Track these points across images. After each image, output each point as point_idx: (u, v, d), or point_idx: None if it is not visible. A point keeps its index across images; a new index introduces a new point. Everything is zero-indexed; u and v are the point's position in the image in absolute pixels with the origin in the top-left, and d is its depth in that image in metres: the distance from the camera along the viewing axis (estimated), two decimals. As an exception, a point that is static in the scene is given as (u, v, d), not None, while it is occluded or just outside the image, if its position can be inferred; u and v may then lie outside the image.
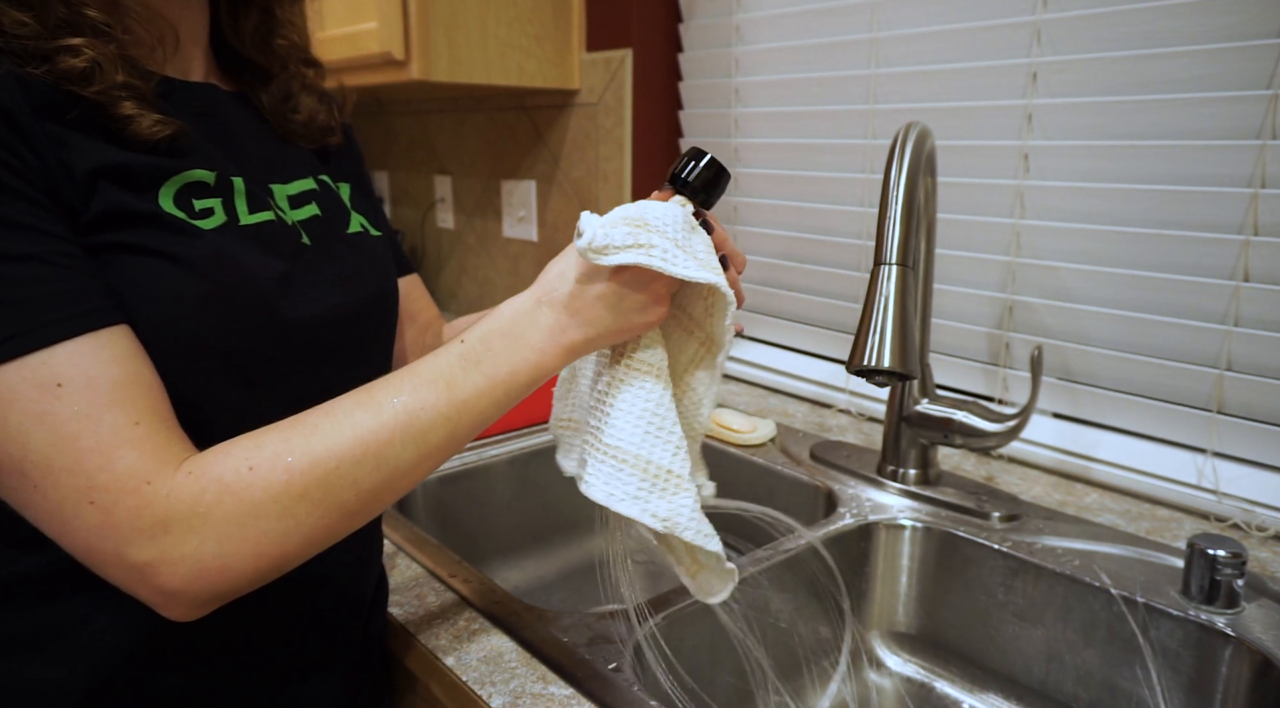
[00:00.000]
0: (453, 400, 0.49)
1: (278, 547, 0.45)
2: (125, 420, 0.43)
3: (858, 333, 0.68)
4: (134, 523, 0.42)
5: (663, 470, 0.51)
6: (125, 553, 0.42)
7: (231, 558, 0.44)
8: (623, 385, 0.52)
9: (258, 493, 0.44)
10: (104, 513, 0.42)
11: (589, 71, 1.32)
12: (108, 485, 0.42)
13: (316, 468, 0.45)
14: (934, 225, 0.83)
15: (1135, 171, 0.85)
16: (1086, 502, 0.85)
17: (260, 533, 0.44)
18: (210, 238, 0.49)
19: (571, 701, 0.55)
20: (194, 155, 0.51)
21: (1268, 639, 0.62)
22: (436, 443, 0.49)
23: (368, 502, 0.47)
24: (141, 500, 0.42)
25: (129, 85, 0.48)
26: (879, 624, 0.84)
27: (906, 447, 0.86)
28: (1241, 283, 0.79)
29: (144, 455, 0.43)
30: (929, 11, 0.99)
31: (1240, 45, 0.77)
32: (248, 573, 0.45)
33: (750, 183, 1.23)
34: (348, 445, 0.46)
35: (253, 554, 0.44)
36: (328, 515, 0.46)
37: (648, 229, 0.49)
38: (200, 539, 0.43)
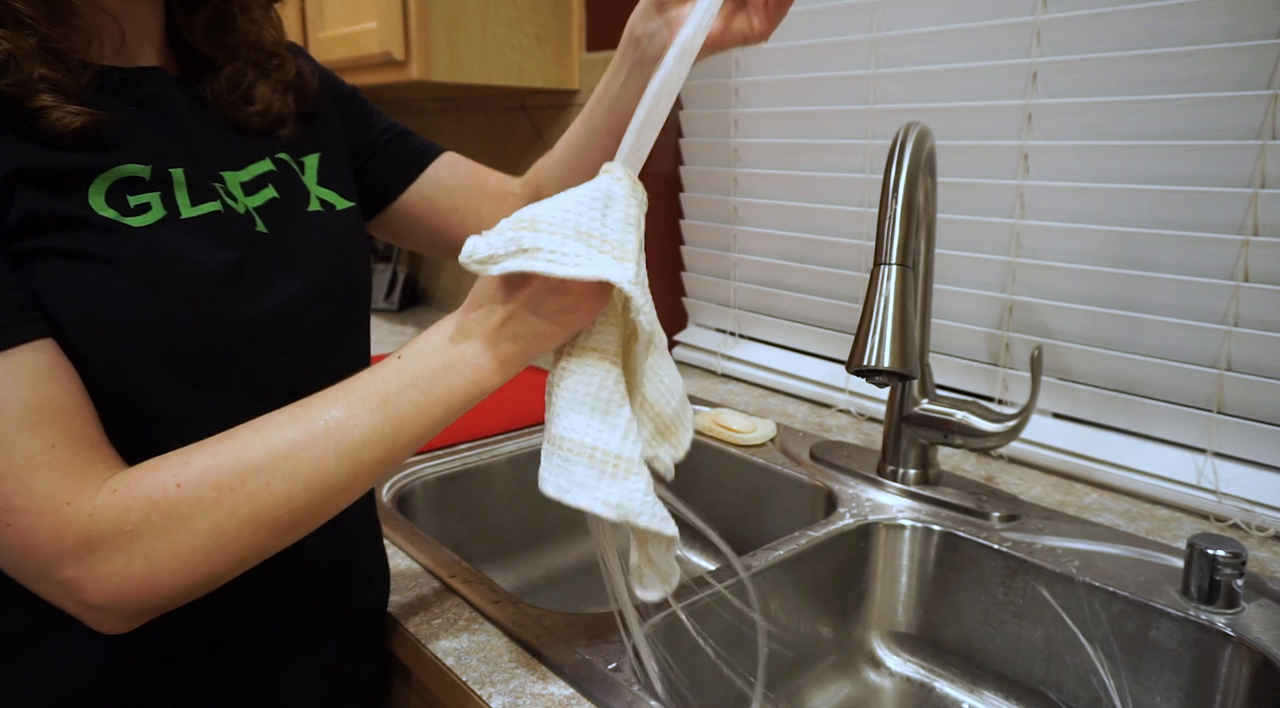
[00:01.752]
0: (388, 418, 0.48)
1: (207, 564, 0.45)
2: (40, 444, 0.42)
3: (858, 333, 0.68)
4: (56, 544, 0.42)
5: (610, 456, 0.49)
6: (49, 571, 0.42)
7: (160, 574, 0.44)
8: (566, 374, 0.50)
9: (185, 510, 0.44)
10: (22, 535, 0.42)
11: (589, 71, 1.31)
12: (24, 508, 0.42)
13: (246, 484, 0.45)
14: (934, 225, 0.83)
15: (1135, 172, 0.85)
16: (1086, 502, 0.85)
17: (189, 550, 0.44)
18: (143, 235, 0.48)
19: (571, 701, 0.55)
20: (125, 147, 0.49)
21: (1268, 639, 0.62)
22: (371, 461, 0.48)
23: (300, 518, 0.47)
24: (62, 521, 0.42)
25: (47, 78, 0.46)
26: (879, 624, 0.84)
27: (906, 447, 0.86)
28: (1241, 283, 0.79)
29: (63, 477, 0.43)
30: (929, 11, 0.99)
31: (1240, 45, 0.77)
32: (178, 588, 0.45)
33: (750, 183, 1.23)
34: (278, 462, 0.45)
35: (182, 570, 0.44)
36: (259, 532, 0.46)
37: (534, 229, 0.47)
38: (127, 556, 0.43)
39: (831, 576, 0.80)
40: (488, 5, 1.21)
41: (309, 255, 0.57)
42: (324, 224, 0.60)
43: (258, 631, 0.56)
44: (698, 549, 1.04)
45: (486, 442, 1.01)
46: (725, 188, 1.27)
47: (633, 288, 0.47)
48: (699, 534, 1.06)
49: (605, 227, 0.48)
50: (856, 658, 0.83)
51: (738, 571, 0.69)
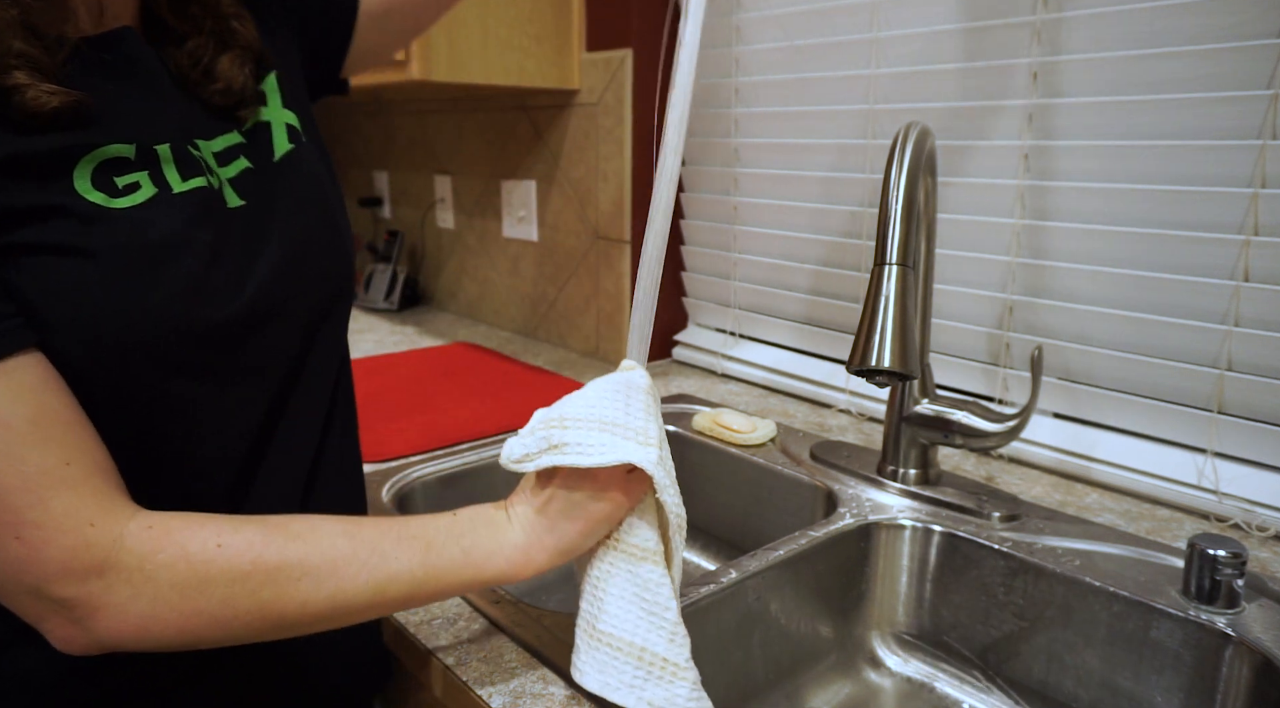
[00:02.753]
0: (425, 563, 0.49)
1: (202, 629, 0.44)
2: (55, 461, 0.41)
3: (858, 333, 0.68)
4: (67, 562, 0.41)
5: (659, 658, 0.51)
6: (45, 588, 0.41)
7: (154, 622, 0.43)
8: (614, 571, 0.52)
9: (215, 573, 0.43)
10: (31, 549, 0.41)
11: (589, 71, 1.32)
12: (39, 523, 0.41)
13: (279, 573, 0.45)
14: (934, 225, 0.83)
15: (1135, 171, 0.85)
16: (1086, 502, 0.85)
17: (195, 611, 0.43)
18: (132, 217, 0.46)
19: (571, 701, 0.55)
20: (107, 125, 0.47)
21: (1268, 639, 0.62)
22: (392, 596, 0.49)
23: (304, 622, 0.47)
24: (82, 541, 0.41)
25: (24, 54, 0.44)
26: (879, 624, 0.84)
27: (906, 447, 0.86)
28: (1241, 283, 0.79)
29: (84, 498, 0.42)
30: (929, 11, 0.99)
31: (1240, 45, 0.77)
32: (160, 641, 0.44)
33: (750, 183, 1.23)
34: (317, 566, 0.46)
35: (176, 628, 0.43)
36: (264, 620, 0.45)
37: (562, 426, 0.51)
38: (133, 593, 0.42)
39: (831, 576, 0.80)
40: (488, 5, 1.21)
41: (288, 223, 0.56)
42: (296, 171, 0.58)
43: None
44: (698, 550, 1.04)
45: (486, 442, 1.01)
46: (725, 188, 1.27)
47: (655, 469, 0.50)
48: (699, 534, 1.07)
49: (628, 415, 0.51)
50: (857, 658, 0.83)
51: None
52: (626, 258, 1.31)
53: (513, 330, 1.61)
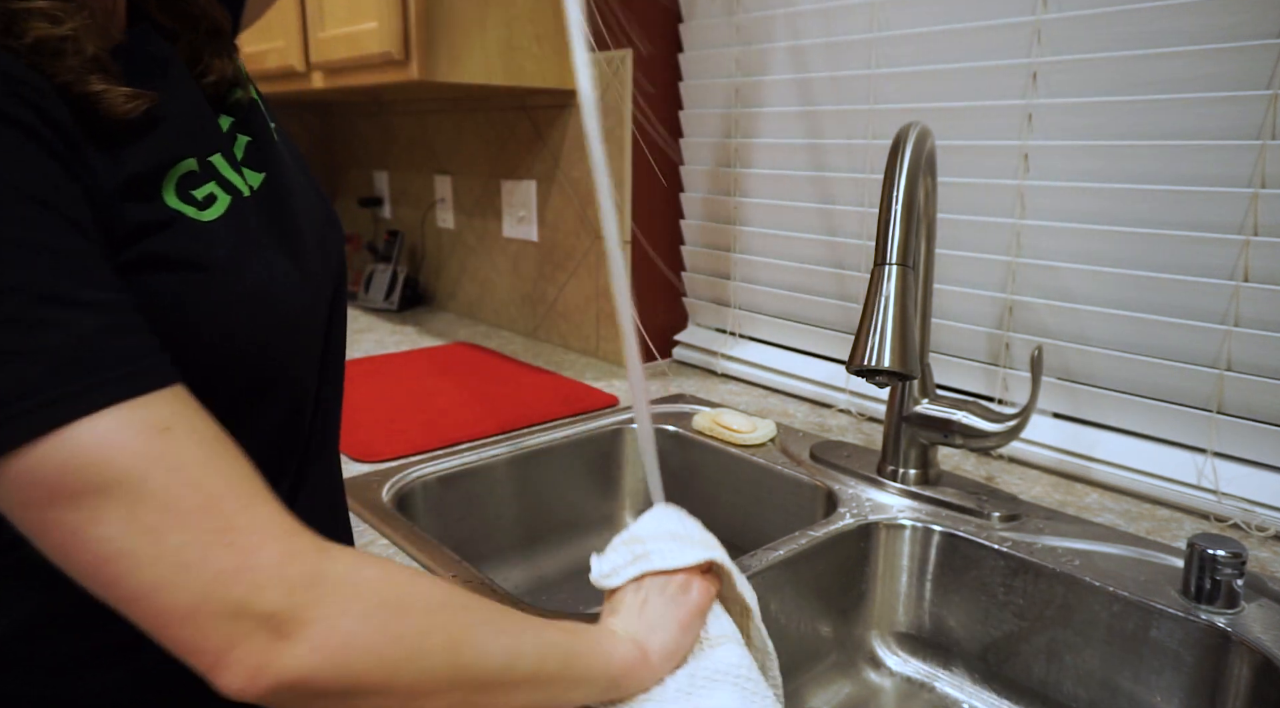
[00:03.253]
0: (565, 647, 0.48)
1: (398, 662, 0.40)
2: (246, 473, 0.39)
3: (858, 333, 0.68)
4: (280, 567, 0.38)
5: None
6: (253, 600, 0.37)
7: (357, 643, 0.39)
8: (712, 658, 0.55)
9: (416, 595, 0.42)
10: (243, 555, 0.37)
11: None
12: (250, 527, 0.38)
13: (468, 610, 0.45)
14: (934, 225, 0.83)
15: (1135, 172, 0.85)
16: (1086, 502, 0.85)
17: (396, 636, 0.40)
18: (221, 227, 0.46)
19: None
20: (170, 135, 0.46)
21: (1268, 639, 0.62)
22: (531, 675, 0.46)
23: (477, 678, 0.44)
24: (293, 547, 0.39)
25: (97, 58, 0.42)
26: (879, 624, 0.84)
27: (906, 447, 0.86)
28: (1241, 283, 0.79)
29: (282, 511, 0.39)
30: (929, 11, 0.99)
31: (1240, 45, 0.77)
32: (355, 672, 0.39)
33: (750, 183, 1.23)
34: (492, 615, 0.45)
35: (376, 655, 0.39)
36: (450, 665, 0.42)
37: (640, 541, 0.57)
38: (342, 608, 0.39)
39: (831, 576, 0.80)
40: (488, 5, 1.21)
41: (302, 198, 0.56)
42: (288, 148, 0.59)
43: None
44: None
45: (486, 442, 1.01)
46: (725, 188, 1.27)
47: (730, 563, 0.58)
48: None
49: (688, 528, 0.60)
50: (857, 658, 0.83)
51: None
52: (627, 258, 1.32)
53: (513, 330, 1.61)
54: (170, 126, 0.46)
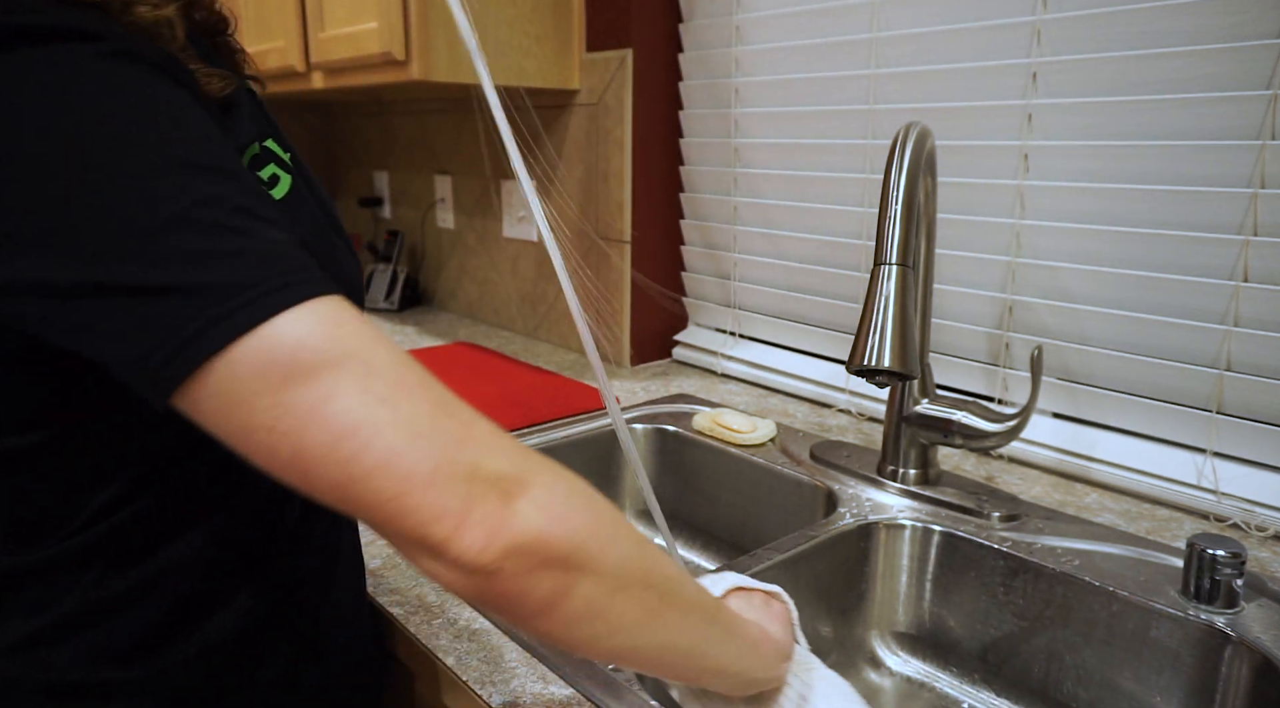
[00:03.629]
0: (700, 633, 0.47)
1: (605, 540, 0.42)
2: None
3: (858, 333, 0.68)
4: (497, 437, 0.40)
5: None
6: (483, 462, 0.38)
7: (571, 513, 0.40)
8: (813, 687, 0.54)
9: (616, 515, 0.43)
10: (464, 425, 0.39)
11: (589, 71, 1.32)
12: (461, 406, 0.40)
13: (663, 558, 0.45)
14: (934, 225, 0.83)
15: (1135, 172, 0.85)
16: (1086, 502, 0.85)
17: (598, 513, 0.42)
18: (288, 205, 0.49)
19: (571, 701, 0.55)
20: (244, 116, 0.50)
21: (1267, 639, 0.62)
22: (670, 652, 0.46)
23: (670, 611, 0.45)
24: (497, 427, 0.41)
25: (186, 45, 0.46)
26: (879, 624, 0.84)
27: (906, 447, 0.86)
28: (1241, 283, 0.79)
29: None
30: (929, 11, 0.99)
31: (1240, 45, 0.77)
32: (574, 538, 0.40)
33: (750, 183, 1.23)
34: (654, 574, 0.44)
35: (588, 528, 0.41)
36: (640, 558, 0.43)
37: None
38: (554, 479, 0.41)
39: (831, 576, 0.80)
40: (488, 5, 1.21)
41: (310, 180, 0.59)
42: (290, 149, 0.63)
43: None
44: (698, 549, 1.04)
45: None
46: (725, 188, 1.27)
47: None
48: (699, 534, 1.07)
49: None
50: (857, 658, 0.83)
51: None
52: (627, 258, 1.31)
53: (513, 330, 1.61)
54: (241, 111, 0.50)
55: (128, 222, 0.38)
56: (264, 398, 0.37)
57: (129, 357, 0.38)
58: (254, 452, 0.38)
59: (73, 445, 0.46)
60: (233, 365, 0.37)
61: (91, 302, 0.38)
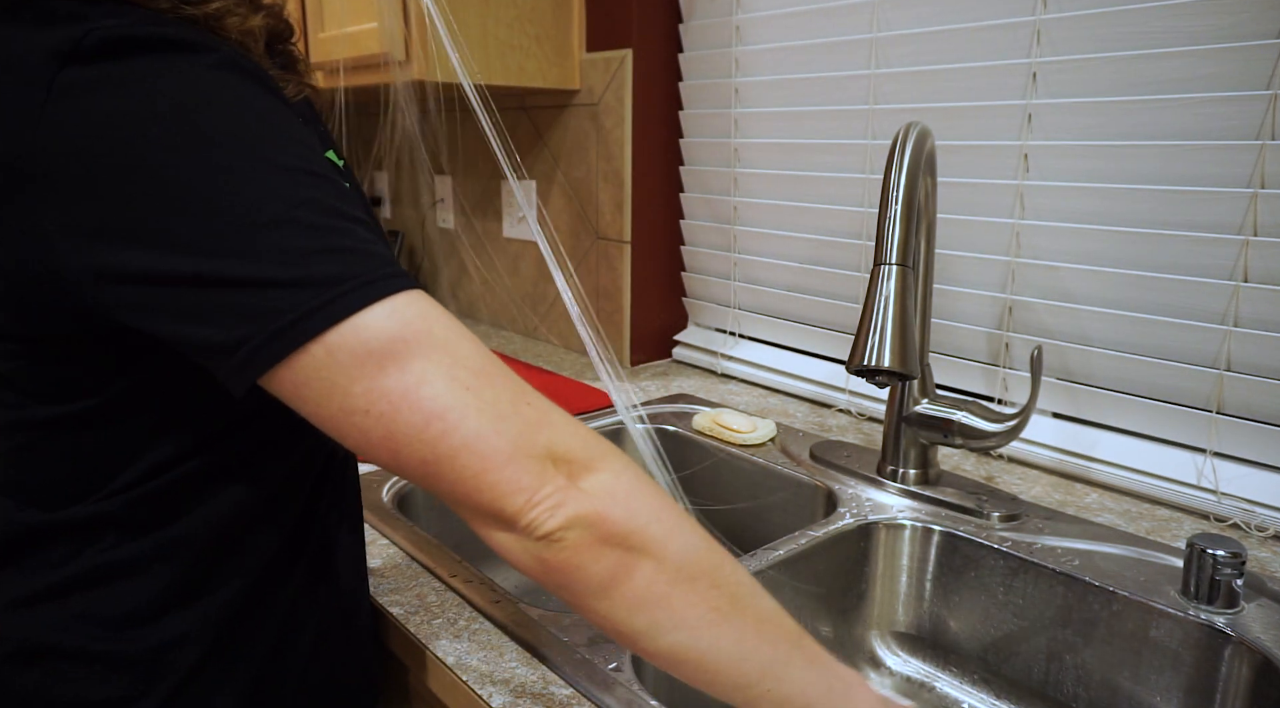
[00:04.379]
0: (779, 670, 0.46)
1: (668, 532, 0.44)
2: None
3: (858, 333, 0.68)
4: (570, 425, 0.43)
5: None
6: (557, 444, 0.43)
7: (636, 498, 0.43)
8: None
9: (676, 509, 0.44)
10: (540, 411, 0.43)
11: (589, 71, 1.32)
12: (534, 393, 0.44)
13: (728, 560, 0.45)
14: (934, 225, 0.83)
15: (1135, 172, 0.85)
16: (1086, 502, 0.85)
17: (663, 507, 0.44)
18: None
19: (571, 701, 0.55)
20: (314, 126, 0.53)
21: (1267, 639, 0.62)
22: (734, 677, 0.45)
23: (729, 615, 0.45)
24: (573, 421, 0.44)
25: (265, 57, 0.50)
26: (879, 624, 0.84)
27: (906, 447, 0.86)
28: (1241, 283, 0.79)
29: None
30: (929, 11, 0.99)
31: (1240, 45, 0.77)
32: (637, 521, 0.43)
33: (750, 183, 1.23)
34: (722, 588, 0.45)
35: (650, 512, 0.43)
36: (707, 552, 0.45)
37: None
38: (621, 466, 0.44)
39: (831, 576, 0.80)
40: (488, 5, 1.21)
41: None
42: None
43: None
44: (698, 549, 1.04)
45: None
46: (725, 188, 1.27)
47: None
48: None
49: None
50: (856, 658, 0.83)
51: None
52: (626, 258, 1.31)
53: (513, 330, 1.61)
54: (311, 121, 0.54)
55: (233, 219, 0.40)
56: (360, 383, 0.40)
57: (220, 342, 0.41)
58: (348, 433, 0.41)
59: (117, 415, 0.49)
60: (330, 353, 0.40)
61: (192, 291, 0.41)
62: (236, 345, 0.41)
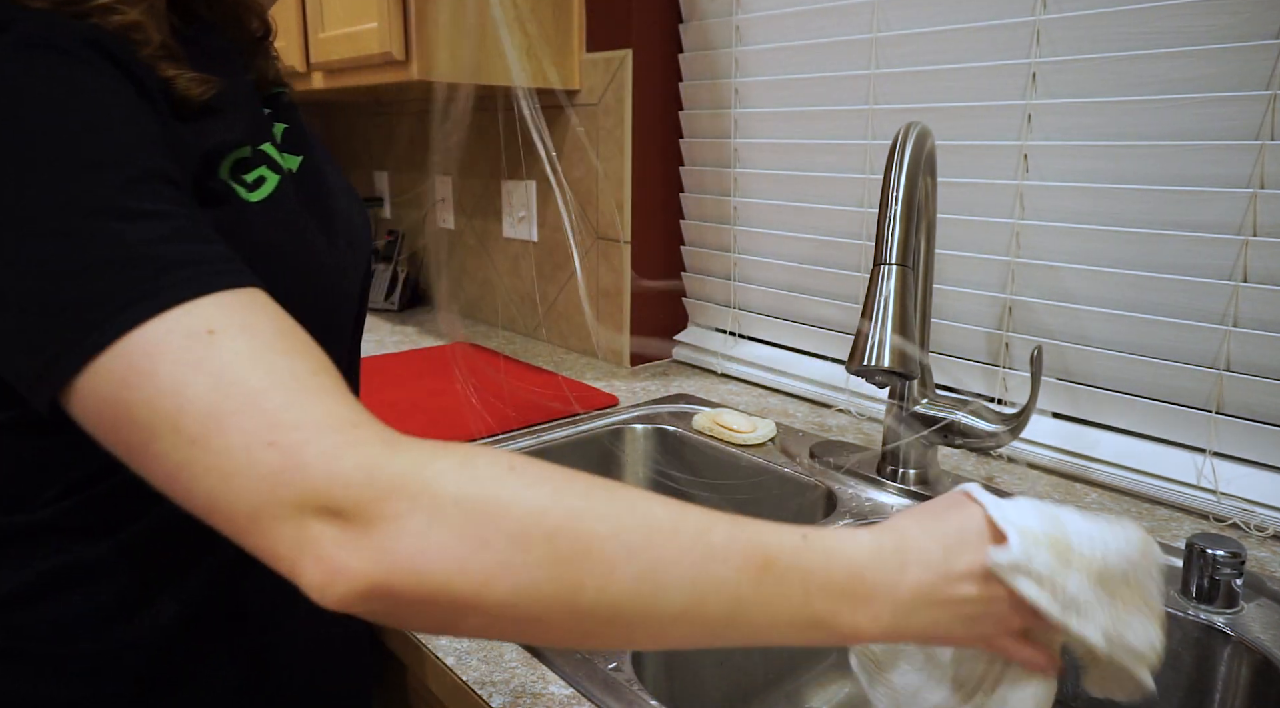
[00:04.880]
0: (756, 581, 0.40)
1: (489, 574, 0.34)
2: (304, 368, 0.37)
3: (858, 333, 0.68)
4: (333, 461, 0.34)
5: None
6: (311, 495, 0.34)
7: (435, 547, 0.34)
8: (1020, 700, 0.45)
9: (507, 496, 0.35)
10: (287, 454, 0.34)
11: (589, 71, 1.32)
12: (297, 423, 0.35)
13: (586, 517, 0.36)
14: (934, 225, 0.83)
15: (1135, 172, 0.85)
16: (1086, 502, 0.85)
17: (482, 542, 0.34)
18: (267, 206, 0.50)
19: (571, 701, 0.55)
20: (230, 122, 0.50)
21: (1267, 639, 0.62)
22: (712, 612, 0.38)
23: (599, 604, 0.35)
24: (348, 439, 0.35)
25: (165, 44, 0.46)
26: (879, 624, 0.84)
27: (906, 447, 0.86)
28: (1240, 283, 0.79)
29: (343, 403, 0.36)
30: (929, 11, 0.99)
31: (1240, 45, 0.77)
32: (439, 579, 0.34)
33: (750, 183, 1.23)
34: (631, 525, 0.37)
35: (459, 562, 0.34)
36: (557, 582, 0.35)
37: (1067, 562, 0.40)
38: (411, 505, 0.34)
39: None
40: (487, 5, 1.21)
41: (335, 184, 0.61)
42: (327, 159, 0.63)
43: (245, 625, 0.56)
44: (698, 549, 1.04)
45: (486, 441, 1.01)
46: (725, 188, 1.27)
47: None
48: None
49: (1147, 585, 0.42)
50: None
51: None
52: (626, 258, 1.32)
53: (513, 330, 1.61)
54: (232, 114, 0.50)
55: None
56: (111, 437, 0.37)
57: (8, 368, 0.39)
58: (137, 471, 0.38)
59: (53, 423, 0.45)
60: (86, 389, 0.36)
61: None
62: (17, 377, 0.38)
